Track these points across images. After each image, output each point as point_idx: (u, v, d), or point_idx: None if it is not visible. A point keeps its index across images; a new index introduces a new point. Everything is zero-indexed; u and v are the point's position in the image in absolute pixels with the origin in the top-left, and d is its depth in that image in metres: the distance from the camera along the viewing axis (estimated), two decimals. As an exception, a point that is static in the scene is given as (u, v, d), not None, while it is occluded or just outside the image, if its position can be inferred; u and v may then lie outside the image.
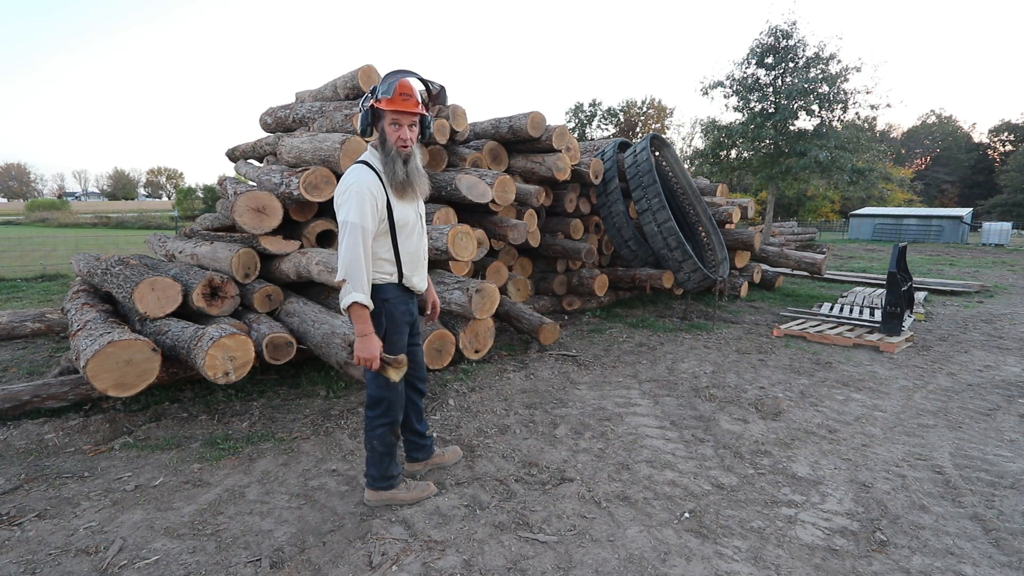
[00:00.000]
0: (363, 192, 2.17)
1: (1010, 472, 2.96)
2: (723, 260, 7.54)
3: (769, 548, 2.28)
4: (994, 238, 22.53)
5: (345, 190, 2.20)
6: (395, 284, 2.38)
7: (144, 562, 2.14)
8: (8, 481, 2.72)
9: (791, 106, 14.91)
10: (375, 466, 2.50)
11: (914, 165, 50.04)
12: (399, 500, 2.54)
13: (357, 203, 2.15)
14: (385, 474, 2.51)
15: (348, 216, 2.16)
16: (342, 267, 2.18)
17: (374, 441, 2.46)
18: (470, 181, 4.99)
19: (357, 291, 2.17)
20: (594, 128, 43.40)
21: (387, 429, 2.45)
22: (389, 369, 2.30)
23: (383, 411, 2.43)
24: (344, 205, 2.19)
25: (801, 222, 28.89)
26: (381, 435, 2.45)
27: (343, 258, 2.17)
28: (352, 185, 2.18)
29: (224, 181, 5.78)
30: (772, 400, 4.00)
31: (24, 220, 34.36)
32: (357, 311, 2.20)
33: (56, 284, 8.91)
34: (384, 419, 2.44)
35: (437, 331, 4.22)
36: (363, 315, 2.21)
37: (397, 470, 2.56)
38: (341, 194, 2.21)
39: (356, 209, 2.15)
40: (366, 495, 2.55)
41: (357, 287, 2.17)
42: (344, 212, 2.18)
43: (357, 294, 2.17)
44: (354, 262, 2.16)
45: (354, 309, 2.20)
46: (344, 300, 2.19)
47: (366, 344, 2.22)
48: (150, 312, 3.67)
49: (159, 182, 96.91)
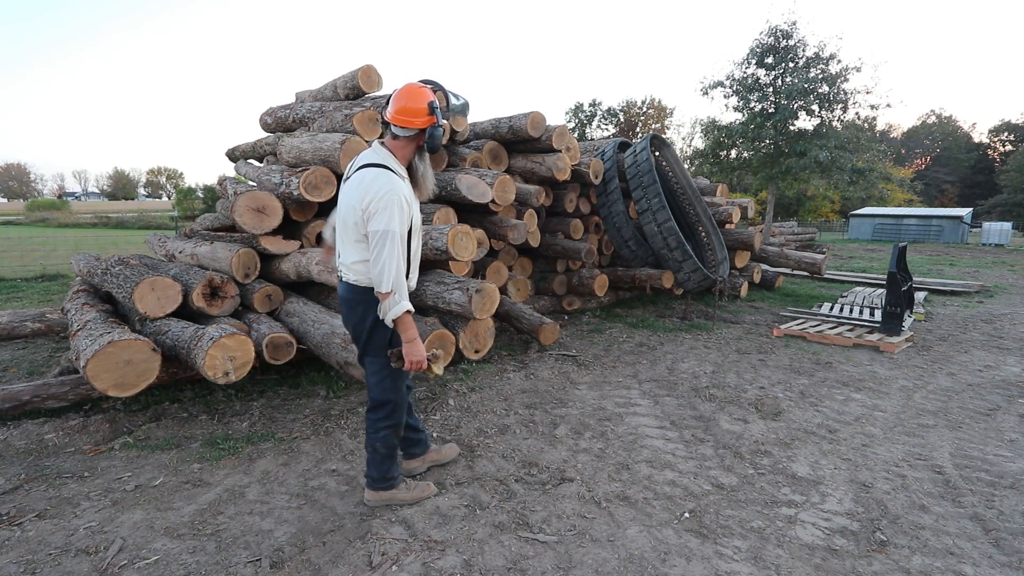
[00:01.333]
0: (402, 202, 2.17)
1: (1010, 472, 2.96)
2: (723, 260, 7.54)
3: (769, 548, 2.28)
4: (994, 238, 22.53)
5: (382, 197, 2.14)
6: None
7: (144, 562, 2.14)
8: (8, 481, 2.72)
9: (791, 106, 14.91)
10: (376, 467, 2.50)
11: (914, 165, 50.03)
12: (399, 500, 2.54)
13: (398, 212, 2.15)
14: (386, 475, 2.51)
15: (390, 225, 2.13)
16: (387, 279, 2.15)
17: (377, 443, 2.46)
18: (470, 181, 4.99)
19: (405, 300, 2.19)
20: (594, 128, 43.39)
21: (391, 431, 2.46)
22: (433, 366, 2.36)
23: (387, 414, 2.44)
24: (382, 213, 2.14)
25: (801, 222, 28.87)
26: (384, 437, 2.45)
27: (388, 269, 2.14)
28: (389, 193, 2.14)
29: (224, 181, 5.77)
30: (772, 400, 4.00)
31: (24, 220, 34.35)
32: (406, 319, 2.22)
33: (56, 284, 8.90)
34: (388, 421, 2.44)
35: (437, 331, 4.22)
36: (410, 321, 2.24)
37: (397, 471, 2.57)
38: (377, 201, 2.15)
39: (397, 218, 2.14)
40: (366, 495, 2.55)
41: (404, 296, 2.20)
42: (384, 221, 2.14)
43: (406, 303, 2.20)
44: (399, 271, 2.17)
45: (403, 318, 2.21)
46: (393, 311, 2.18)
47: (417, 348, 2.25)
48: (150, 312, 3.67)
49: (159, 182, 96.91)
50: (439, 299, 4.42)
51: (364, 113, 4.89)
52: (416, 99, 2.24)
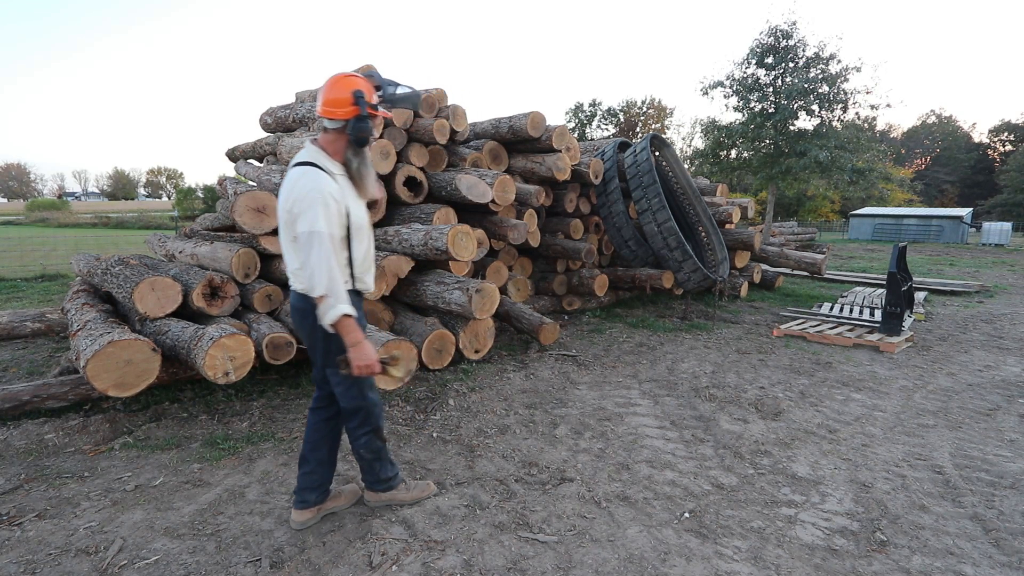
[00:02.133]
0: (327, 200, 2.02)
1: (1010, 472, 2.96)
2: (723, 260, 7.54)
3: (769, 548, 2.28)
4: (994, 238, 22.53)
5: (304, 197, 2.02)
6: (348, 291, 2.20)
7: (144, 562, 2.14)
8: (8, 481, 2.72)
9: (791, 106, 14.91)
10: (367, 472, 2.47)
11: (914, 165, 50.02)
12: (399, 501, 2.52)
13: (323, 211, 2.01)
14: (379, 478, 2.47)
15: (315, 226, 2.00)
16: (320, 282, 2.01)
17: (361, 450, 2.40)
18: (470, 181, 4.99)
19: (342, 303, 2.04)
20: (594, 128, 43.40)
21: (371, 436, 2.37)
22: (390, 370, 2.20)
23: (362, 420, 2.34)
24: (306, 214, 2.01)
25: (801, 222, 28.87)
26: (366, 443, 2.38)
27: (319, 272, 2.01)
28: (312, 192, 2.01)
29: (224, 181, 5.77)
30: (772, 400, 4.00)
31: (24, 220, 34.36)
32: (346, 322, 2.06)
33: (56, 284, 8.90)
34: (365, 428, 2.35)
35: (437, 331, 4.23)
36: (352, 324, 2.08)
37: (393, 471, 2.52)
38: (300, 201, 2.03)
39: (323, 217, 2.00)
40: (365, 496, 2.54)
41: (340, 298, 2.04)
42: (308, 222, 2.00)
43: (343, 306, 2.04)
44: (332, 272, 2.02)
45: (343, 321, 2.06)
46: (330, 315, 2.04)
47: (364, 351, 2.10)
48: (150, 312, 3.67)
49: (159, 182, 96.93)
50: (439, 299, 4.42)
51: (364, 113, 4.88)
52: (340, 89, 2.11)
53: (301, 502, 2.38)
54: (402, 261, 4.46)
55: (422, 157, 5.47)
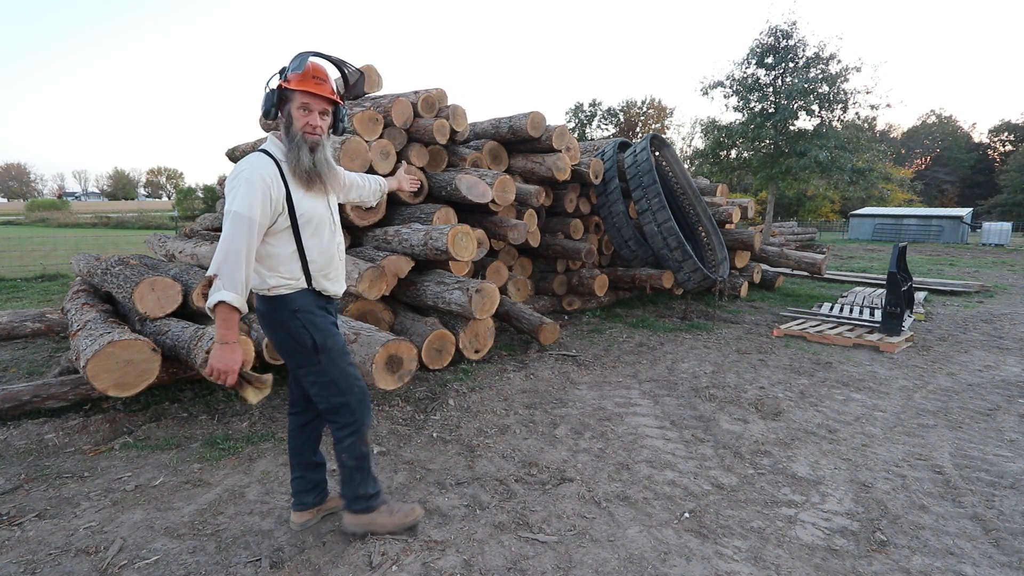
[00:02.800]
0: (253, 180, 1.87)
1: (1010, 472, 2.96)
2: (723, 260, 7.54)
3: (769, 548, 2.28)
4: (994, 238, 22.54)
5: (234, 177, 1.91)
6: (305, 290, 2.07)
7: (144, 562, 2.14)
8: (8, 481, 2.72)
9: (791, 106, 14.93)
10: (347, 484, 2.21)
11: (914, 165, 50.03)
12: (379, 526, 2.25)
13: (246, 191, 1.85)
14: (358, 494, 2.21)
15: (232, 205, 1.86)
16: (215, 260, 1.85)
17: (343, 455, 2.16)
18: (470, 181, 4.99)
19: (228, 289, 1.83)
20: (594, 128, 43.42)
21: (354, 438, 2.14)
22: (248, 388, 1.96)
23: (345, 420, 2.12)
24: (231, 193, 1.89)
25: (801, 222, 28.88)
26: (349, 447, 2.14)
27: (219, 251, 1.85)
28: (243, 172, 1.89)
29: (224, 181, 5.78)
30: (772, 400, 4.00)
31: (24, 220, 34.37)
32: (224, 312, 1.85)
33: (56, 284, 8.90)
34: (349, 428, 2.13)
35: (437, 331, 4.23)
36: (231, 319, 1.86)
37: (375, 488, 2.25)
38: (230, 180, 1.92)
39: (243, 198, 1.85)
40: (344, 520, 2.26)
41: (229, 284, 1.83)
42: (230, 201, 1.88)
43: (227, 292, 1.82)
44: (231, 255, 1.83)
45: (220, 310, 1.84)
46: (211, 298, 1.84)
47: (225, 353, 1.87)
48: (150, 312, 3.67)
49: (159, 182, 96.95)
50: (439, 299, 4.42)
51: (364, 113, 4.89)
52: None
53: (299, 504, 2.34)
54: (402, 261, 4.46)
55: (422, 157, 5.47)
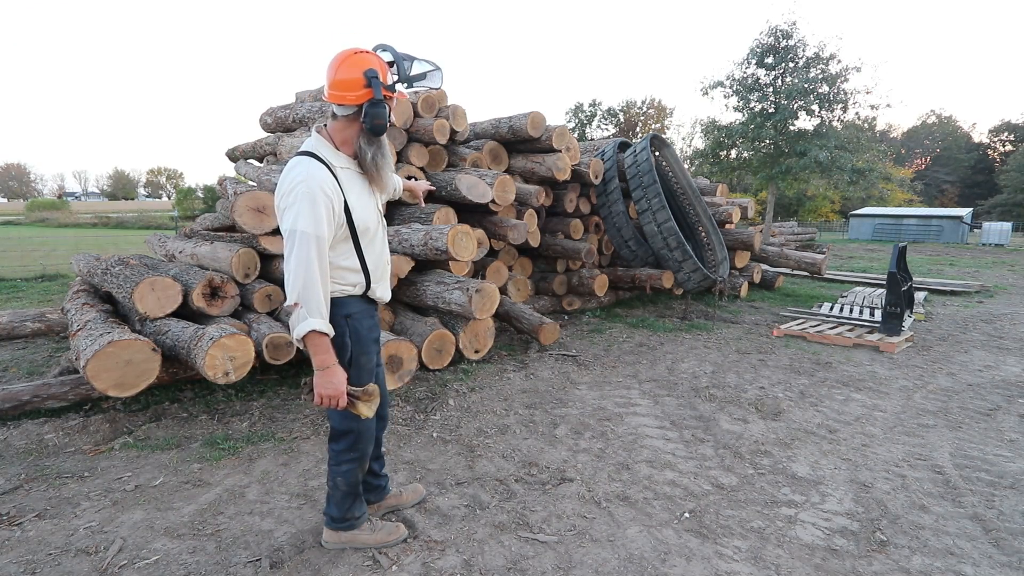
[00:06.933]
0: (315, 194, 1.75)
1: (1010, 472, 2.96)
2: (723, 260, 7.54)
3: (769, 548, 2.28)
4: (994, 238, 22.53)
5: (291, 190, 1.77)
6: (360, 296, 2.02)
7: (144, 562, 2.14)
8: (8, 481, 2.72)
9: (791, 106, 14.92)
10: (336, 506, 2.18)
11: (914, 165, 50.00)
12: (361, 543, 2.21)
13: (309, 208, 1.74)
14: (346, 515, 2.20)
15: (297, 224, 1.74)
16: (293, 287, 1.76)
17: (338, 479, 2.13)
18: (470, 181, 4.99)
19: (315, 316, 1.78)
20: (594, 128, 43.40)
21: (354, 466, 2.12)
22: (359, 404, 1.97)
23: (350, 445, 2.09)
24: (289, 210, 1.77)
25: (801, 222, 28.85)
26: (347, 472, 2.12)
27: (295, 277, 1.75)
28: (300, 185, 1.76)
29: (224, 181, 5.77)
30: (772, 400, 4.00)
31: (24, 220, 34.39)
32: (316, 340, 1.80)
33: (56, 284, 8.90)
34: (351, 454, 2.10)
35: (437, 331, 4.23)
36: (323, 344, 1.82)
37: (361, 510, 2.25)
38: (286, 195, 1.79)
39: (308, 215, 1.74)
40: (324, 536, 2.24)
41: (314, 311, 1.78)
42: (291, 219, 1.75)
43: (315, 320, 1.78)
44: (308, 280, 1.75)
45: (312, 338, 1.79)
46: (299, 328, 1.78)
47: (329, 378, 1.83)
48: (150, 312, 3.67)
49: (159, 182, 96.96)
50: (439, 299, 4.42)
51: (364, 113, 4.88)
52: (350, 69, 1.81)
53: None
54: (402, 261, 4.46)
55: (422, 157, 5.47)
